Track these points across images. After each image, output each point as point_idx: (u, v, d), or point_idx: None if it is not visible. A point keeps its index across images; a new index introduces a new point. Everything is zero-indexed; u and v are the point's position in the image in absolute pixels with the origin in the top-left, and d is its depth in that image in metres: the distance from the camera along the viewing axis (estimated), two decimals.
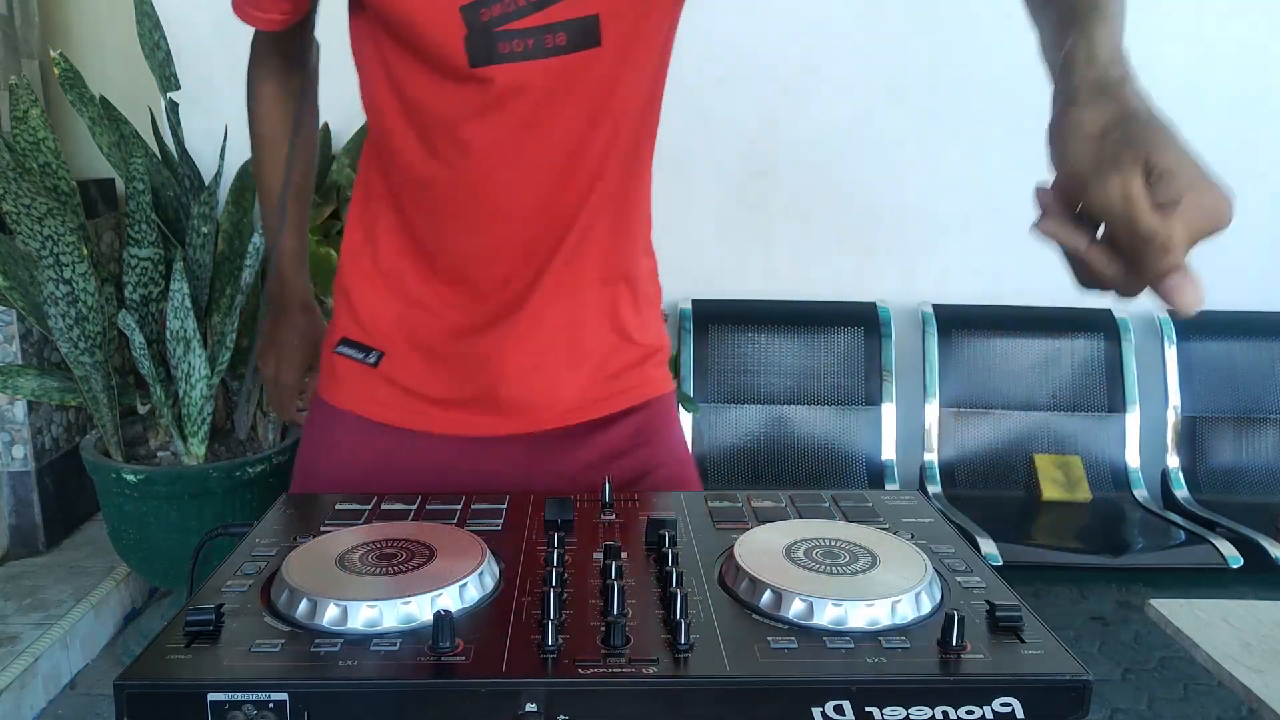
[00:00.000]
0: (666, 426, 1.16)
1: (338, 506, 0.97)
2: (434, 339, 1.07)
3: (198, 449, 2.37)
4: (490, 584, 0.79)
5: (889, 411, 2.74)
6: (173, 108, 2.49)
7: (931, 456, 2.73)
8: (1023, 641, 0.71)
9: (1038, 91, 2.28)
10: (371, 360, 1.09)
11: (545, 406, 1.07)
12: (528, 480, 1.07)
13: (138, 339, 2.24)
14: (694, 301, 2.80)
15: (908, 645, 0.70)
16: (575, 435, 1.10)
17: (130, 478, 2.29)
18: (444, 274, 1.05)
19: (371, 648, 0.69)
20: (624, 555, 0.85)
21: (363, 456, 1.10)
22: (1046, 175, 0.64)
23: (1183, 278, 0.57)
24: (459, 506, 0.97)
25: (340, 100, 2.68)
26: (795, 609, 0.74)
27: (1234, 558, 2.26)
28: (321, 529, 0.90)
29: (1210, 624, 1.34)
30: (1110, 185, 0.58)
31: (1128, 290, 0.60)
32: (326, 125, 2.65)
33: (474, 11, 0.89)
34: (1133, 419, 2.74)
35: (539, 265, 1.02)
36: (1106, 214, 0.59)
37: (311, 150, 1.23)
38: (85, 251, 2.22)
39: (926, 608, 0.76)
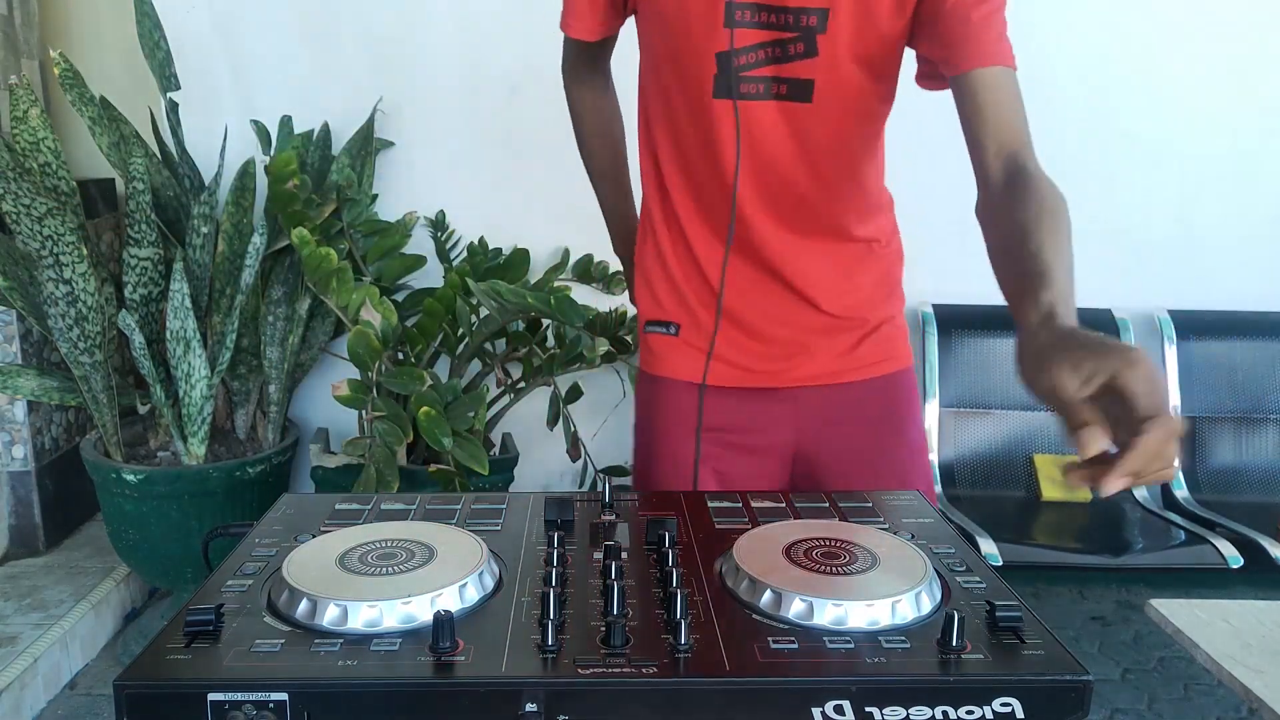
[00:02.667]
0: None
1: (338, 506, 0.97)
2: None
3: (198, 449, 2.37)
4: (490, 584, 0.79)
5: None
6: (173, 108, 2.49)
7: (932, 456, 2.73)
8: (1023, 642, 0.71)
9: (1037, 92, 2.30)
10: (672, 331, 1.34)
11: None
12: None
13: (138, 339, 2.24)
14: None
15: (908, 645, 0.70)
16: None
17: (130, 478, 2.29)
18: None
19: (371, 648, 0.69)
20: (624, 555, 0.85)
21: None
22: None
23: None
24: (459, 506, 0.97)
25: (340, 100, 2.69)
26: (795, 609, 0.74)
27: (1234, 558, 2.26)
28: (321, 529, 0.90)
29: (1210, 624, 1.34)
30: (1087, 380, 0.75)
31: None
32: (326, 125, 2.65)
33: (726, 59, 1.16)
34: None
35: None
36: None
37: (622, 138, 1.48)
38: (85, 251, 2.22)
39: (926, 608, 0.76)
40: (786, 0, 1.13)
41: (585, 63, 1.39)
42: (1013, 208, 1.03)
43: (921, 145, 2.88)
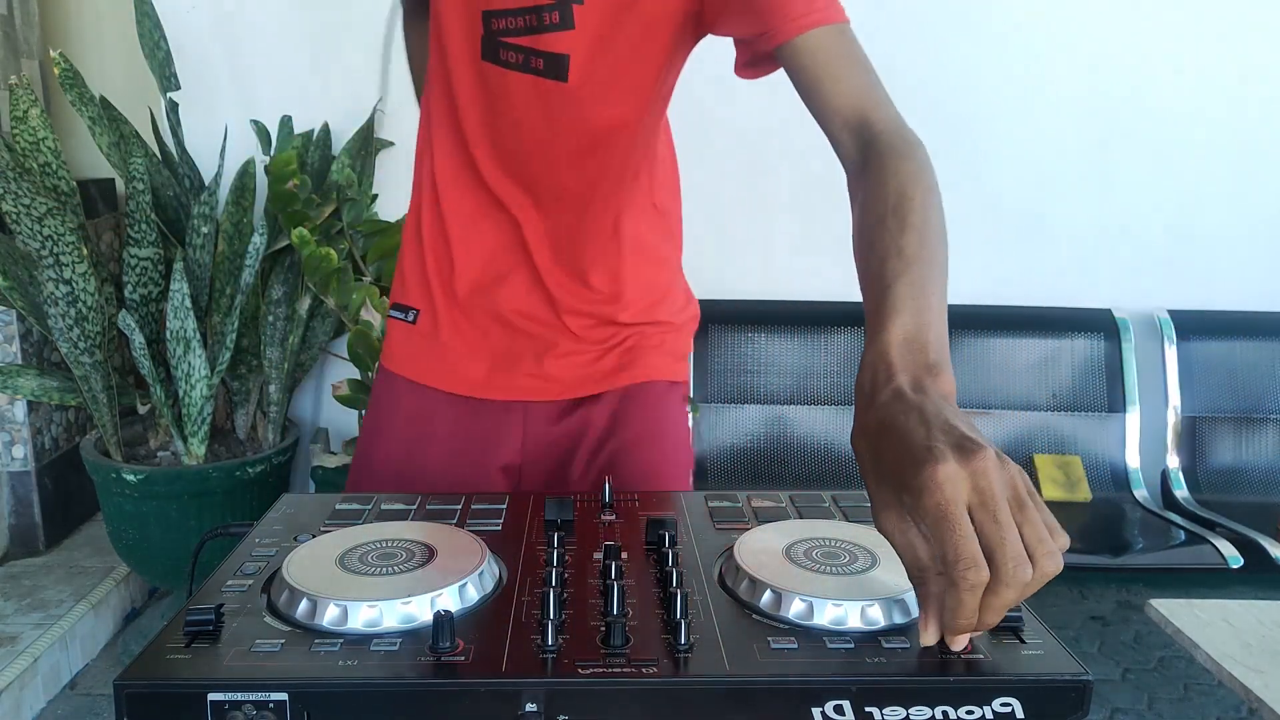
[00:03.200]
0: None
1: (338, 506, 0.97)
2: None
3: (198, 449, 2.37)
4: (490, 584, 0.79)
5: None
6: (173, 108, 2.49)
7: None
8: (1023, 641, 0.71)
9: (1037, 92, 2.30)
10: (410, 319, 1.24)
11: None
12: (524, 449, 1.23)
13: (138, 339, 2.24)
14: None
15: (908, 645, 0.70)
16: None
17: (130, 478, 2.29)
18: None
19: (371, 648, 0.69)
20: (624, 555, 0.85)
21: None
22: (1045, 174, 0.65)
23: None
24: (459, 506, 0.97)
25: (340, 100, 2.69)
26: (795, 609, 0.74)
27: (1234, 558, 2.26)
28: (321, 529, 0.90)
29: (1210, 624, 1.34)
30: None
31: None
32: (326, 125, 2.65)
33: (489, 19, 1.08)
34: (1133, 419, 2.74)
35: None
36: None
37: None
38: (85, 251, 2.22)
39: None
40: None
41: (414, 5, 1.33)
42: (866, 201, 0.87)
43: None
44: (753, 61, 1.04)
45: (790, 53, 0.96)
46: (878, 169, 0.88)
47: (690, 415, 1.35)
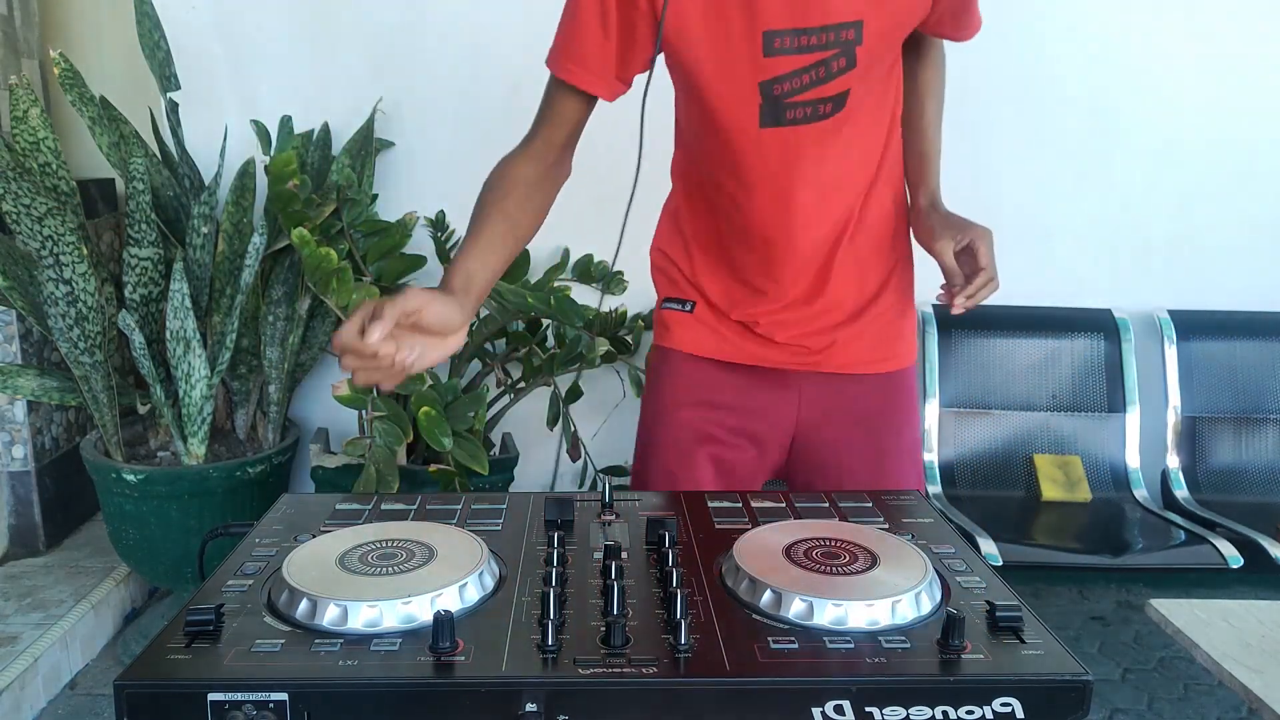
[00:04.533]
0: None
1: (338, 506, 0.97)
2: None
3: (198, 449, 2.37)
4: (490, 584, 0.79)
5: None
6: (173, 108, 2.49)
7: (931, 456, 2.73)
8: (1023, 641, 0.72)
9: (1037, 93, 2.30)
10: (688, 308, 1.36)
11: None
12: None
13: (138, 339, 2.24)
14: None
15: (908, 645, 0.70)
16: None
17: (130, 478, 2.29)
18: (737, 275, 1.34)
19: (371, 648, 0.69)
20: (624, 555, 0.85)
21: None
22: (1045, 175, 0.66)
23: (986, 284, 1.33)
24: (459, 506, 0.97)
25: (340, 100, 2.69)
26: (795, 609, 0.74)
27: (1234, 558, 2.26)
28: (321, 529, 0.90)
29: (1210, 624, 1.34)
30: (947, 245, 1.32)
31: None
32: (326, 125, 2.65)
33: (768, 87, 1.16)
34: (1133, 419, 2.74)
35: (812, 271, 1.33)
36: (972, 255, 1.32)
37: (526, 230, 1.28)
38: (85, 251, 2.22)
39: (926, 608, 0.76)
40: (823, 19, 1.12)
41: (551, 135, 1.23)
42: (914, 67, 1.35)
43: None
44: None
45: (934, 41, 1.36)
46: (928, 50, 1.36)
47: None
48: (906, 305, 1.43)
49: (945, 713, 0.66)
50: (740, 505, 0.99)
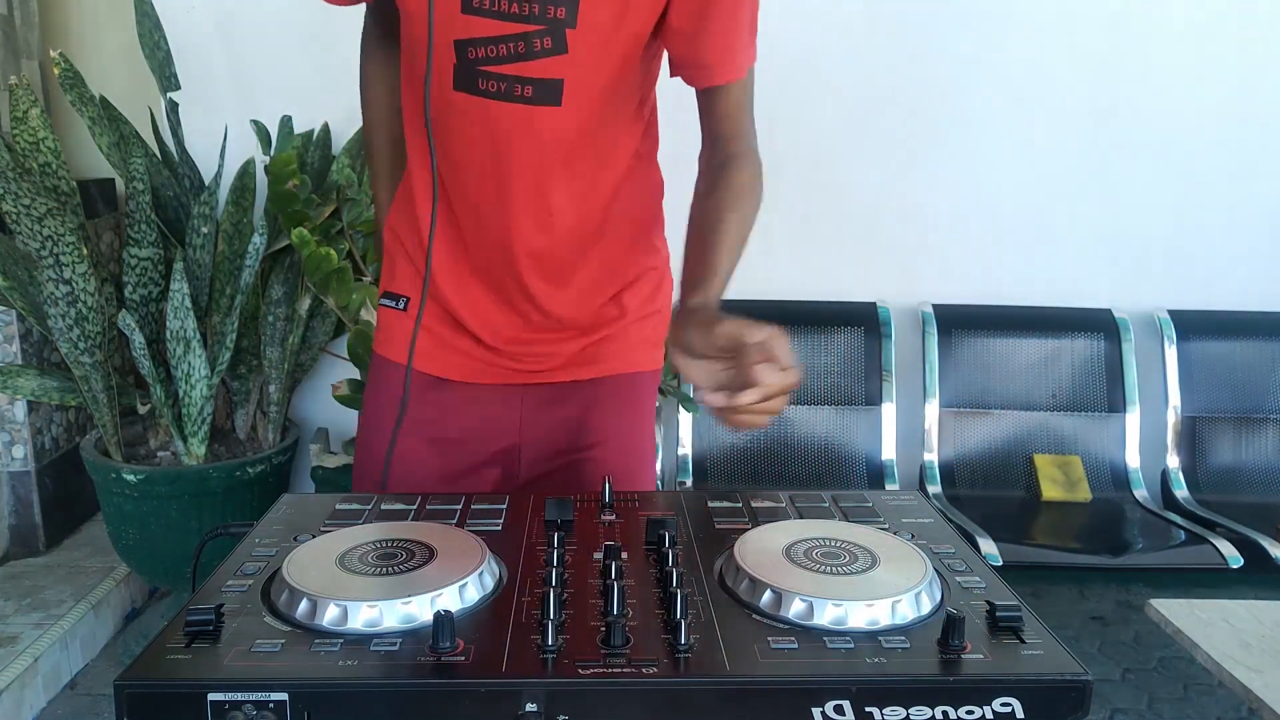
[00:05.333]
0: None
1: (338, 507, 0.97)
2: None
3: (198, 449, 2.37)
4: (490, 584, 0.79)
5: (889, 411, 2.74)
6: (173, 108, 2.49)
7: (931, 456, 2.73)
8: (1023, 641, 0.71)
9: (1037, 93, 2.30)
10: (401, 306, 1.26)
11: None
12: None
13: (138, 339, 2.24)
14: None
15: (908, 645, 0.70)
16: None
17: (130, 478, 2.29)
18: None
19: (371, 648, 0.69)
20: (624, 555, 0.85)
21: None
22: (1045, 175, 0.65)
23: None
24: (459, 506, 0.97)
25: (340, 100, 2.69)
26: (795, 609, 0.74)
27: (1234, 558, 2.26)
28: (321, 529, 0.90)
29: (1210, 624, 1.34)
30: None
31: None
32: (326, 125, 2.65)
33: (464, 48, 1.06)
34: (1133, 419, 2.74)
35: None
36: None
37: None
38: (85, 251, 2.22)
39: (926, 608, 0.76)
40: None
41: (377, 23, 1.26)
42: (709, 192, 1.15)
43: (920, 149, 2.89)
44: (679, 73, 1.15)
45: (702, 95, 1.15)
46: (732, 173, 1.16)
47: (691, 415, 1.39)
48: (642, 309, 1.30)
49: (945, 713, 0.66)
50: (740, 505, 0.99)
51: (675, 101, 1.23)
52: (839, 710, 0.66)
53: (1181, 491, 2.69)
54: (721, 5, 1.07)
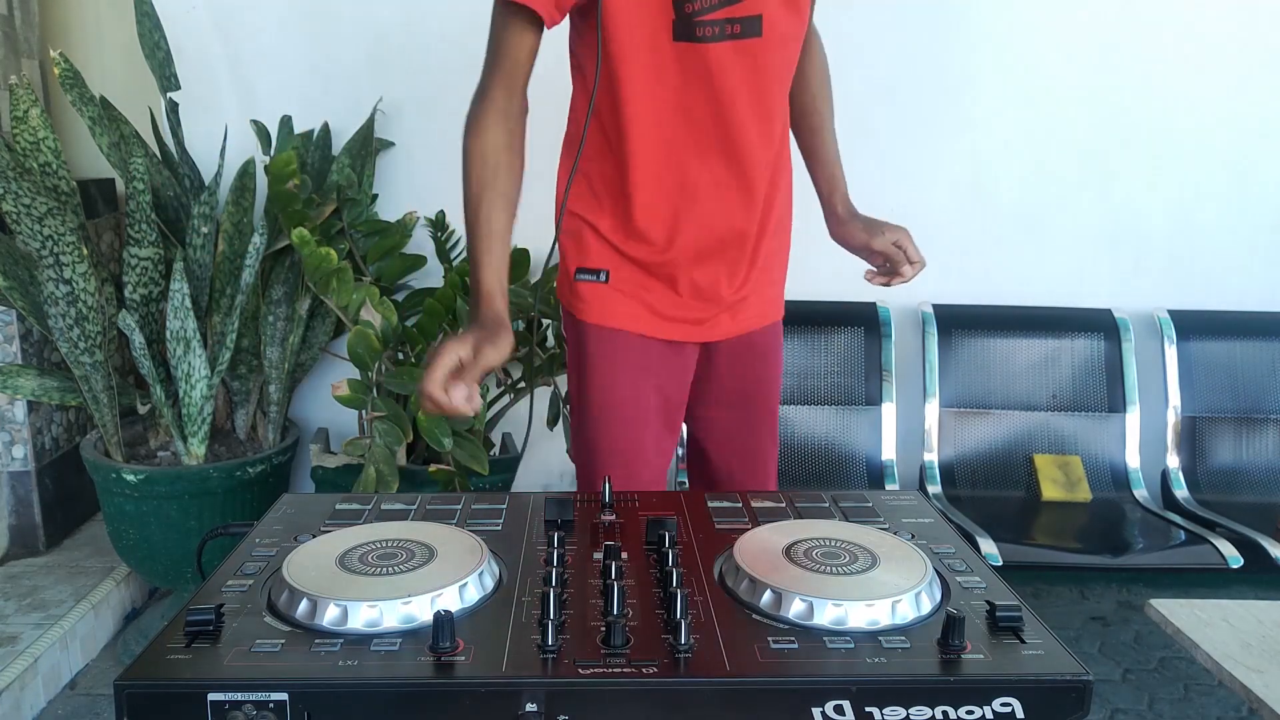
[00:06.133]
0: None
1: (338, 507, 0.97)
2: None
3: (198, 449, 2.37)
4: (490, 584, 0.79)
5: (889, 411, 2.74)
6: (173, 108, 2.49)
7: (931, 456, 2.73)
8: (1023, 641, 0.72)
9: (1037, 93, 2.30)
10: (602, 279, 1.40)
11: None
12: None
13: (138, 339, 2.24)
14: None
15: (908, 645, 0.70)
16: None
17: (130, 478, 2.29)
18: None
19: (371, 648, 0.69)
20: (624, 555, 0.85)
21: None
22: (1045, 175, 0.65)
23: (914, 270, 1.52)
24: (459, 506, 0.97)
25: (340, 100, 2.69)
26: (795, 609, 0.74)
27: (1234, 558, 2.26)
28: (321, 529, 0.90)
29: (1210, 624, 1.34)
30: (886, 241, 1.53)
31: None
32: (326, 125, 2.65)
33: (680, 4, 1.25)
34: (1133, 419, 2.73)
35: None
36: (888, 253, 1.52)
37: (518, 195, 1.40)
38: (85, 251, 2.22)
39: (926, 608, 0.76)
40: None
41: (511, 82, 1.33)
42: (800, 65, 1.44)
43: (920, 149, 2.89)
44: None
45: None
46: (809, 54, 1.52)
47: None
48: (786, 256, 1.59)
49: (945, 713, 0.66)
50: (740, 505, 0.99)
51: None
52: (839, 710, 0.66)
53: (1181, 491, 2.69)
54: None
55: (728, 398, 1.50)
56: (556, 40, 1.39)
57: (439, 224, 2.69)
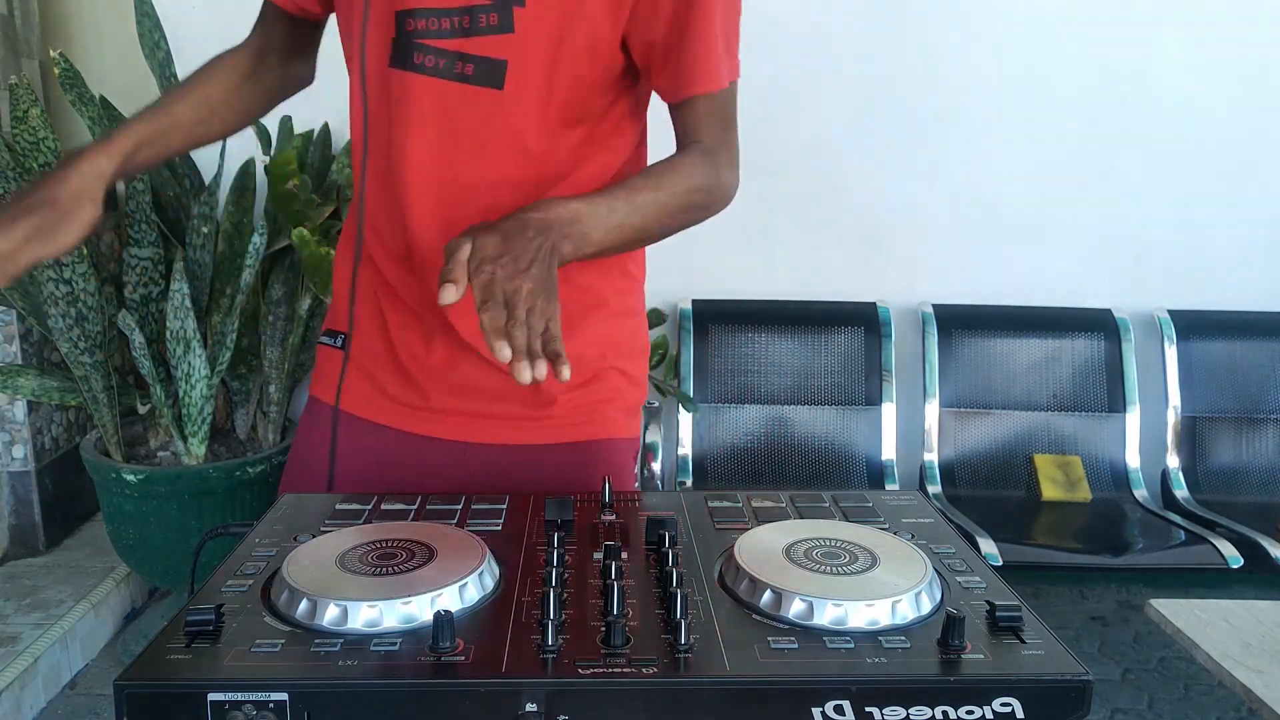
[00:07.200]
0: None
1: (338, 506, 0.97)
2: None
3: (198, 449, 2.37)
4: (490, 584, 0.79)
5: (889, 411, 2.74)
6: None
7: (931, 456, 2.73)
8: (1023, 641, 0.71)
9: (1037, 93, 2.30)
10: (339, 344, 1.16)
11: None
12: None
13: (138, 339, 2.24)
14: (694, 301, 2.80)
15: (908, 645, 0.70)
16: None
17: (130, 478, 2.29)
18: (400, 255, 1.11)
19: (371, 648, 0.69)
20: (624, 555, 0.85)
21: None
22: (1045, 175, 0.66)
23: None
24: (459, 506, 0.97)
25: (340, 100, 2.68)
26: (795, 609, 0.74)
27: (1234, 558, 2.26)
28: (321, 529, 0.90)
29: (1210, 624, 1.34)
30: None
31: None
32: (326, 125, 2.65)
33: (404, 19, 1.01)
34: (1133, 419, 2.74)
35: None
36: None
37: (210, 125, 1.20)
38: (85, 251, 2.22)
39: (926, 608, 0.76)
40: None
41: (271, 41, 1.21)
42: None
43: (920, 149, 2.89)
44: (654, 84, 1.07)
45: (675, 108, 1.05)
46: (675, 159, 1.04)
47: (690, 415, 1.34)
48: (616, 361, 1.14)
49: (945, 713, 0.66)
50: (740, 505, 0.99)
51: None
52: (839, 710, 0.66)
53: (1181, 491, 2.69)
54: (694, 8, 0.98)
55: None
56: None
57: None
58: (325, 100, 2.69)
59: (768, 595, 0.75)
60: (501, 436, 1.10)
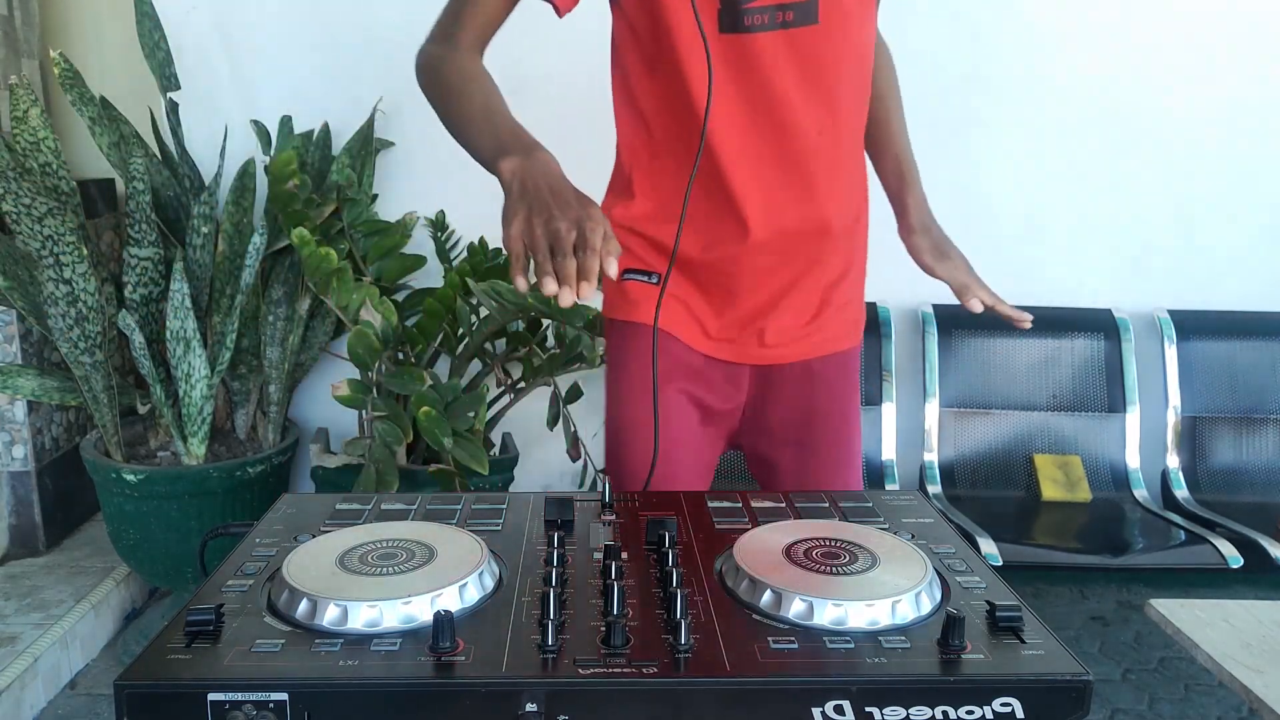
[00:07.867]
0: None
1: (338, 507, 0.97)
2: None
3: (198, 449, 2.37)
4: (490, 584, 0.79)
5: (889, 411, 2.74)
6: (173, 108, 2.49)
7: (931, 456, 2.73)
8: (1023, 641, 0.72)
9: (1037, 94, 2.30)
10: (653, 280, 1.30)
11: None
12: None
13: (138, 339, 2.24)
14: None
15: (908, 645, 0.70)
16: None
17: (130, 478, 2.29)
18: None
19: (371, 648, 0.69)
20: (624, 555, 0.85)
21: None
22: (1045, 174, 0.66)
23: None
24: (459, 506, 0.97)
25: (340, 100, 2.69)
26: (795, 609, 0.74)
27: (1234, 558, 2.26)
28: (321, 529, 0.90)
29: (1210, 624, 1.34)
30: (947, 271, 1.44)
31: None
32: (326, 125, 2.65)
33: None
34: (1133, 419, 2.74)
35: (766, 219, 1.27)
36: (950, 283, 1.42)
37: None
38: (85, 251, 2.22)
39: (926, 608, 0.76)
40: None
41: (482, 33, 1.27)
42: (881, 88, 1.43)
43: (921, 149, 2.88)
44: None
45: None
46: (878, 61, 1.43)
47: None
48: (861, 282, 1.48)
49: (945, 713, 0.66)
50: (740, 505, 0.99)
51: None
52: (839, 710, 0.66)
53: (1181, 491, 2.69)
54: None
55: (783, 433, 1.35)
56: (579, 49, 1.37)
57: (439, 224, 2.69)
58: (325, 100, 2.70)
59: (768, 595, 0.75)
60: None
